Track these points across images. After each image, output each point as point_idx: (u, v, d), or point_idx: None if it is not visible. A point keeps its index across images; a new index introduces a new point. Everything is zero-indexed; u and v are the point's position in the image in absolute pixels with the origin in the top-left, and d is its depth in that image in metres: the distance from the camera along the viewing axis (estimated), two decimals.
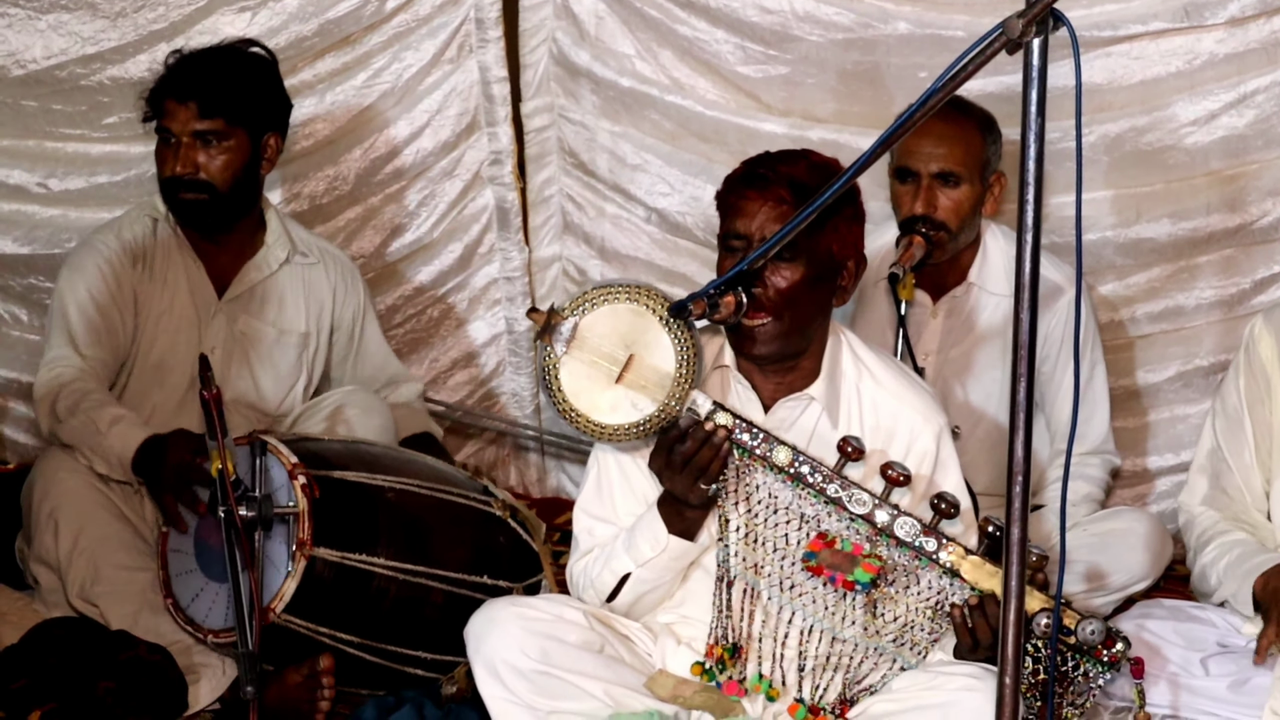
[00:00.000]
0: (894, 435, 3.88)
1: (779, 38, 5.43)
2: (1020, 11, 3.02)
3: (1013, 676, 3.03)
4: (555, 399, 3.78)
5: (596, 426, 3.78)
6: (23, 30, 5.76)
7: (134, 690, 4.36)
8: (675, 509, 3.86)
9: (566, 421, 3.88)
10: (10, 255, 5.95)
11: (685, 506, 3.84)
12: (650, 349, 3.73)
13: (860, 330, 4.26)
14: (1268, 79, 5.24)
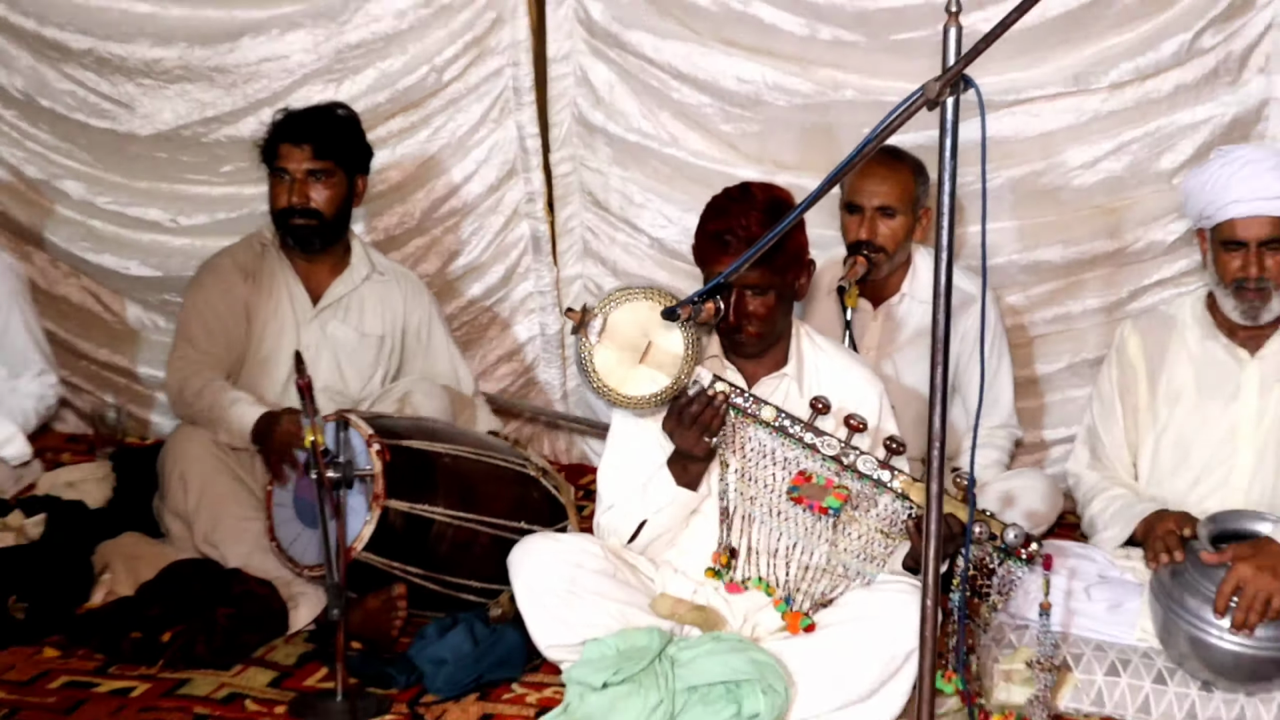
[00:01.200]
0: (846, 397, 3.99)
1: (752, 102, 5.49)
2: (937, 77, 3.18)
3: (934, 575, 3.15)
4: (591, 379, 3.91)
5: (624, 398, 3.90)
6: (155, 97, 5.85)
7: (247, 615, 4.47)
8: (682, 465, 3.97)
9: (599, 396, 4.01)
10: (149, 277, 6.04)
11: (690, 460, 3.96)
12: (663, 336, 3.87)
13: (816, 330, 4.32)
14: (1140, 130, 5.30)
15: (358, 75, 5.69)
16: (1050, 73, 5.28)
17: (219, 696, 4.20)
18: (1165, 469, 4.43)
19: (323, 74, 5.67)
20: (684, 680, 3.91)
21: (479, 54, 5.66)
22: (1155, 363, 4.46)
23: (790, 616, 4.00)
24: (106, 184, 5.99)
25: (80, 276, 6.08)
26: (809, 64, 5.43)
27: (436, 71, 5.69)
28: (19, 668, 4.36)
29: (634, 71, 5.60)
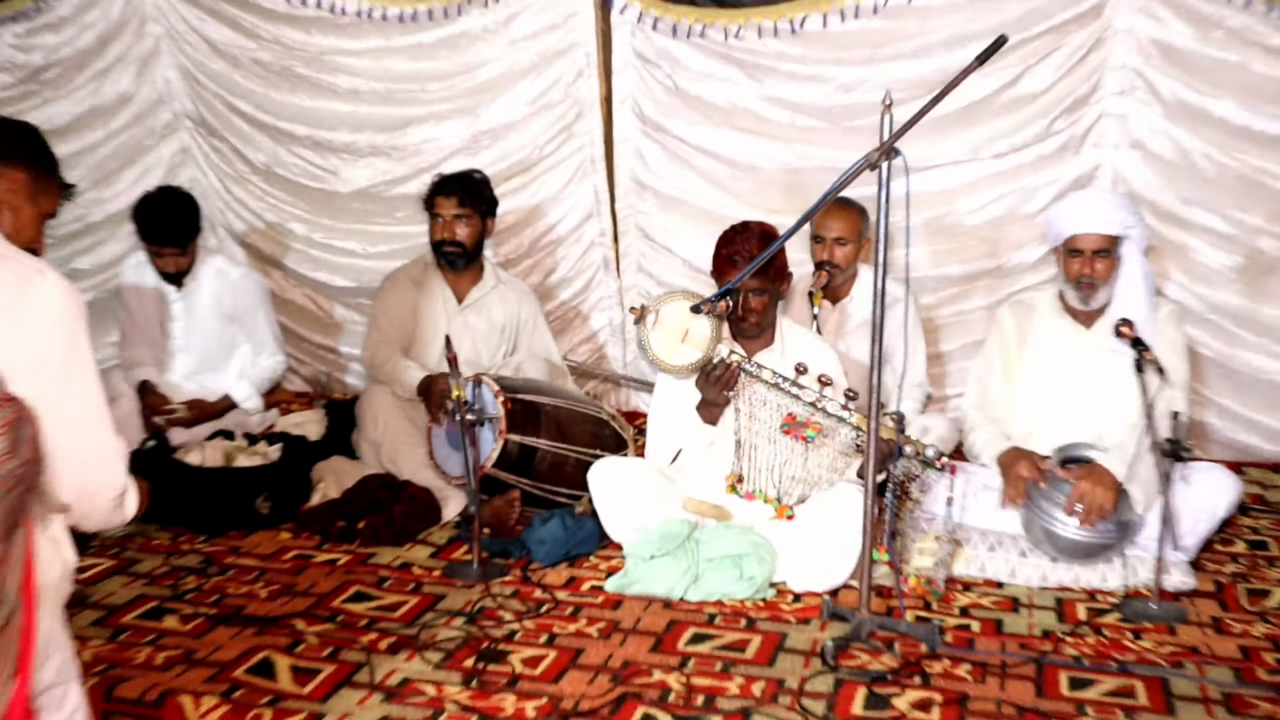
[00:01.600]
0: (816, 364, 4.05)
1: (750, 168, 5.48)
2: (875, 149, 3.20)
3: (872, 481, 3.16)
4: (646, 353, 4.04)
5: (670, 366, 3.99)
6: (351, 167, 5.94)
7: (414, 510, 4.53)
8: (707, 410, 4.06)
9: (652, 365, 4.19)
10: (348, 287, 6.11)
11: (713, 406, 4.07)
12: (695, 324, 3.99)
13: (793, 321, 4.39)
14: (1012, 186, 5.28)
15: (487, 151, 5.67)
16: (952, 147, 5.24)
17: (395, 564, 4.26)
18: (1025, 407, 4.40)
19: (463, 150, 5.66)
20: (704, 554, 4.00)
21: (567, 137, 5.64)
22: (1022, 334, 4.45)
23: (780, 511, 4.05)
24: (320, 225, 6.03)
25: (303, 287, 6.12)
26: (789, 142, 5.40)
27: (539, 148, 5.67)
28: (264, 545, 4.47)
29: (671, 148, 5.57)
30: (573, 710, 3.22)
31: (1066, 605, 3.93)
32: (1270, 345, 5.15)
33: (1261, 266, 5.11)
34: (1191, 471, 4.08)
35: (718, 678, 3.41)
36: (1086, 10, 5.03)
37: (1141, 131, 5.13)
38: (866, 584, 3.64)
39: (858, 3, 5.15)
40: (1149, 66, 5.04)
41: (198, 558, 4.31)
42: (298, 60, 5.77)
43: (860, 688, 3.36)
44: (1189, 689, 3.36)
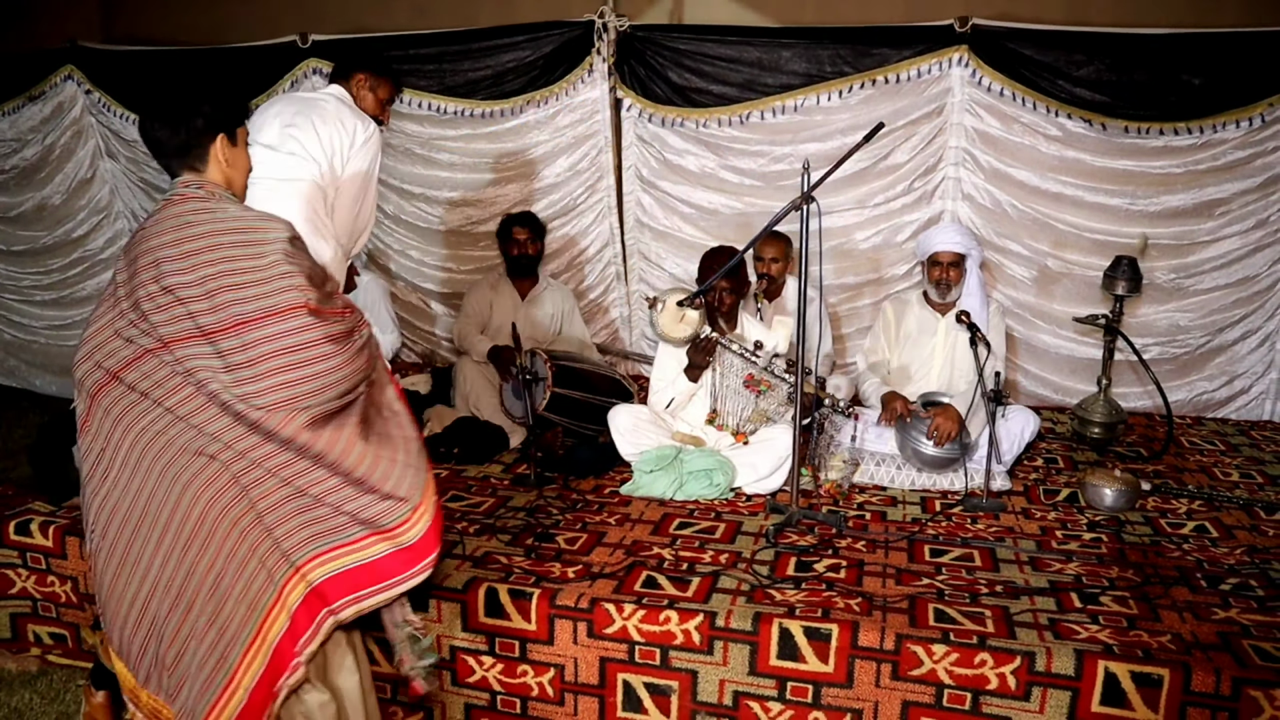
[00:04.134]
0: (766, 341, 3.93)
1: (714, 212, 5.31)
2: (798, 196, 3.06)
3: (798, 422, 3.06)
4: (656, 328, 4.08)
5: (671, 339, 4.01)
6: (449, 212, 5.77)
7: (489, 440, 4.39)
8: (693, 370, 3.95)
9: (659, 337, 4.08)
10: (446, 292, 5.88)
11: (697, 368, 3.92)
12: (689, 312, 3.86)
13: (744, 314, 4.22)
14: (887, 225, 5.12)
15: (539, 202, 5.52)
16: (848, 198, 5.10)
17: (478, 476, 4.13)
18: (899, 369, 4.32)
19: (523, 202, 5.51)
20: (686, 468, 3.93)
21: (592, 192, 5.49)
22: (899, 318, 4.36)
23: (739, 437, 3.98)
24: (426, 250, 5.86)
25: (416, 292, 5.97)
26: (740, 196, 5.25)
27: (573, 200, 5.51)
28: None
29: (661, 200, 5.42)
30: (599, 573, 3.17)
31: (928, 501, 3.87)
32: (1056, 329, 5.11)
33: (1048, 278, 5.07)
34: (1008, 411, 4.08)
35: (696, 552, 3.35)
36: (932, 110, 4.95)
37: (969, 189, 5.04)
38: (796, 488, 3.58)
39: (784, 103, 5.04)
40: (973, 147, 4.97)
41: None
42: (415, 143, 5.63)
43: (792, 558, 3.31)
44: (1007, 555, 3.34)
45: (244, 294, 2.22)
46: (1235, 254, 4.81)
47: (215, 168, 2.37)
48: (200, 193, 2.32)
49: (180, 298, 2.22)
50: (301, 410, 2.23)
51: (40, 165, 6.21)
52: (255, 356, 2.21)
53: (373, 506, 2.30)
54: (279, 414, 2.22)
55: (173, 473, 2.24)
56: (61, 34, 6.00)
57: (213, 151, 2.36)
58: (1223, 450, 4.48)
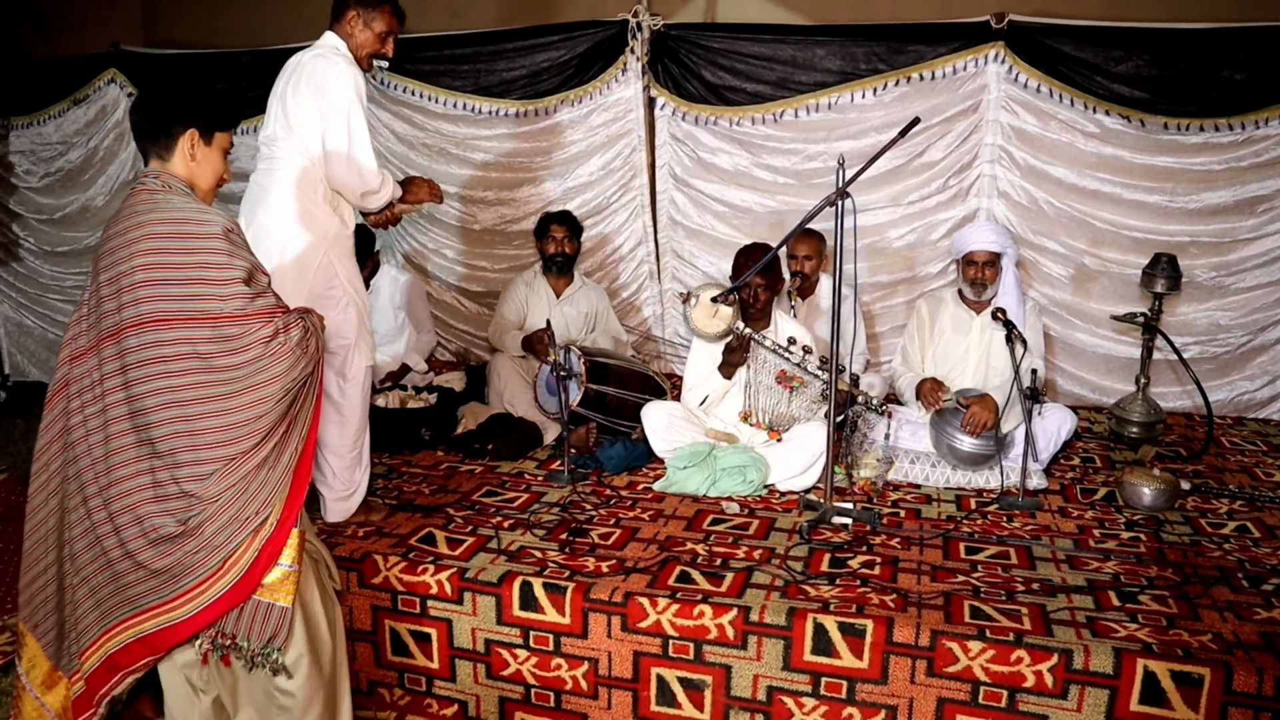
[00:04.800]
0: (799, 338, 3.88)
1: (748, 210, 5.29)
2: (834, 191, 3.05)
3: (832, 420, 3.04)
4: (690, 323, 4.02)
5: (705, 334, 3.95)
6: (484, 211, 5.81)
7: (525, 437, 4.40)
8: (728, 368, 3.92)
9: (693, 332, 4.07)
10: (481, 291, 5.89)
11: (732, 365, 3.88)
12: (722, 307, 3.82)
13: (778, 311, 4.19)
14: (922, 222, 5.09)
15: (573, 201, 5.52)
16: (883, 195, 5.08)
17: (513, 472, 4.14)
18: (935, 365, 4.28)
19: (557, 201, 5.52)
20: (720, 465, 3.91)
21: (625, 191, 5.50)
22: (933, 316, 4.32)
23: (772, 434, 3.96)
24: (460, 250, 5.89)
25: (451, 291, 6.00)
26: (773, 194, 5.25)
27: (607, 199, 5.52)
28: (426, 460, 4.34)
29: (695, 198, 5.42)
30: (632, 568, 3.17)
31: (963, 499, 3.83)
32: (1094, 328, 5.05)
33: (1085, 276, 5.01)
34: (1044, 409, 4.03)
35: (730, 547, 3.34)
36: (967, 108, 4.92)
37: (1005, 186, 5.00)
38: (830, 485, 3.55)
39: (817, 101, 5.04)
40: (1009, 144, 4.94)
41: (384, 468, 4.20)
42: (450, 143, 5.67)
43: (826, 554, 3.29)
44: (1044, 553, 3.30)
45: (167, 290, 2.28)
46: (1277, 252, 4.72)
47: (180, 161, 2.42)
48: (156, 184, 2.38)
49: (119, 287, 2.30)
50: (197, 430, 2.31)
51: (84, 168, 6.32)
52: (152, 358, 2.29)
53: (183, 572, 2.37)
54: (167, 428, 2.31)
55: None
56: (105, 38, 6.11)
57: (181, 143, 2.41)
58: (1264, 451, 4.40)
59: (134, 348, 2.29)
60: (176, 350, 2.28)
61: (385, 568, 3.19)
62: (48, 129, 6.32)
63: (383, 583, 3.17)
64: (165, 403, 2.29)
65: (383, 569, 3.18)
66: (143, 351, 2.28)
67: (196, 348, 2.29)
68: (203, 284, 2.28)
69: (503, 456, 4.27)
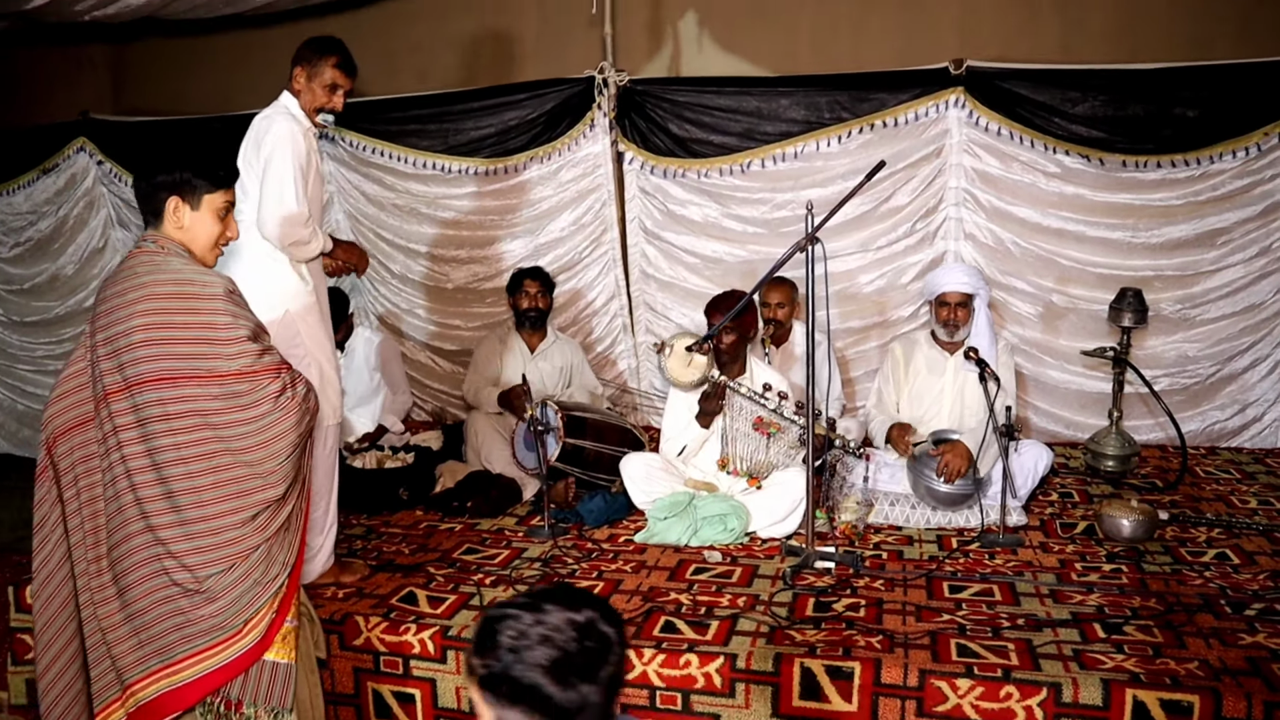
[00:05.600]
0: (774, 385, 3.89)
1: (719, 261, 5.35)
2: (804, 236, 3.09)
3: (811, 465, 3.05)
4: (665, 373, 4.05)
5: (680, 383, 3.97)
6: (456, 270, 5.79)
7: (504, 493, 4.38)
8: (704, 416, 3.91)
9: (669, 381, 4.04)
10: (455, 349, 5.90)
11: (708, 414, 3.88)
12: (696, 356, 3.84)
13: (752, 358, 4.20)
14: (890, 267, 5.16)
15: (544, 257, 5.55)
16: (851, 241, 5.15)
17: (493, 529, 4.13)
18: (910, 407, 4.30)
19: (530, 257, 5.55)
20: (700, 514, 3.90)
21: (597, 245, 5.54)
22: (907, 357, 4.34)
23: (751, 481, 3.96)
24: (434, 309, 5.91)
25: (425, 350, 6.00)
26: (745, 243, 5.31)
27: (579, 254, 5.56)
28: (405, 520, 4.32)
29: (666, 250, 5.47)
30: None
31: (944, 539, 3.85)
32: (1064, 365, 5.12)
33: (1053, 313, 5.10)
34: (1020, 446, 4.07)
35: (714, 596, 3.33)
36: (930, 152, 5.02)
37: (972, 228, 5.09)
38: (811, 530, 3.55)
39: (783, 150, 5.12)
40: (973, 187, 5.03)
41: (362, 529, 4.17)
42: (420, 203, 5.71)
43: (811, 598, 3.28)
44: (1027, 589, 3.31)
45: (169, 350, 2.31)
46: (1239, 282, 4.83)
47: (170, 226, 2.47)
48: (154, 247, 2.43)
49: (117, 348, 2.33)
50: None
51: (54, 236, 6.31)
52: (155, 415, 2.31)
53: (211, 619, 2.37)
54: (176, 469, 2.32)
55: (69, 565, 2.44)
56: (74, 107, 6.15)
57: (167, 211, 2.46)
58: (1238, 479, 4.45)
59: (138, 406, 2.31)
60: (180, 409, 2.31)
61: (367, 629, 3.14)
62: (17, 199, 6.32)
63: (364, 644, 3.13)
64: (171, 460, 2.30)
65: (364, 630, 3.14)
66: (146, 410, 2.31)
67: (202, 405, 2.31)
68: (207, 344, 2.31)
69: (482, 514, 4.24)
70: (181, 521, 2.31)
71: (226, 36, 5.95)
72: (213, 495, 2.32)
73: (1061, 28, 5.02)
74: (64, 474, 2.42)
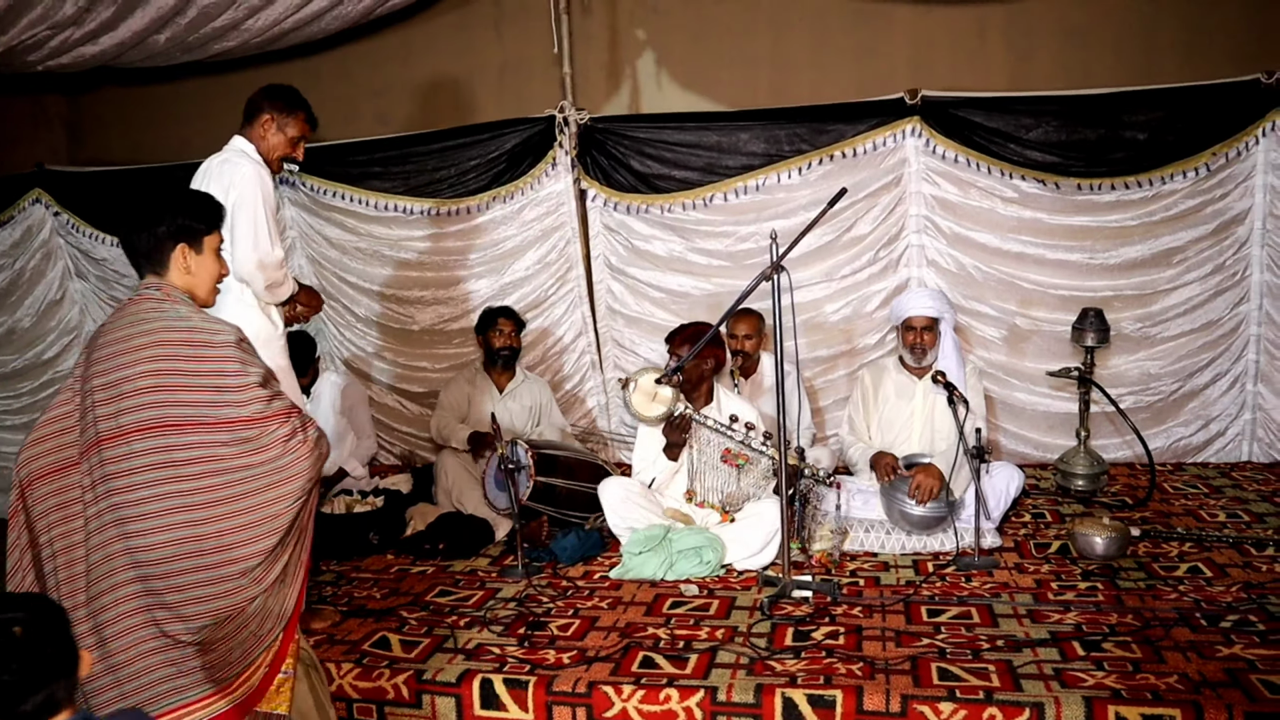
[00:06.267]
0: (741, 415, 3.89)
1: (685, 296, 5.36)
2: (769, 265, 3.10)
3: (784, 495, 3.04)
4: (630, 408, 4.00)
5: (646, 418, 3.93)
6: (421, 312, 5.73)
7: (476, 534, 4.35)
8: (671, 449, 3.88)
9: (635, 417, 4.04)
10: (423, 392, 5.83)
11: (675, 446, 3.87)
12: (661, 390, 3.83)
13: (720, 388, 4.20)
14: (856, 295, 5.18)
15: (510, 296, 5.52)
16: (816, 271, 5.17)
17: (465, 570, 4.07)
18: (881, 432, 4.31)
19: (495, 297, 5.51)
20: (676, 547, 3.87)
21: (562, 283, 5.53)
22: (876, 383, 4.36)
23: (723, 515, 3.92)
24: (400, 352, 5.86)
25: (392, 394, 5.95)
26: (710, 276, 5.32)
27: (544, 292, 5.55)
28: (376, 564, 4.25)
29: (631, 286, 5.48)
30: (594, 657, 3.10)
31: (920, 564, 3.84)
32: (1031, 386, 5.16)
33: (1018, 336, 5.13)
34: (992, 468, 4.08)
35: (692, 629, 3.30)
36: (890, 181, 5.07)
37: (934, 255, 5.13)
38: (787, 560, 3.53)
39: (745, 183, 5.15)
40: (933, 214, 5.08)
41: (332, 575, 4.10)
42: (383, 245, 5.68)
43: (789, 628, 3.26)
44: (1005, 609, 3.31)
45: (177, 396, 2.30)
46: (1197, 300, 4.90)
47: (177, 273, 2.47)
48: (158, 294, 2.42)
49: (120, 393, 2.30)
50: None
51: (10, 290, 6.21)
52: (159, 462, 2.28)
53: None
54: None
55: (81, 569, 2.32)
56: (30, 159, 6.07)
57: (174, 258, 2.45)
58: (1206, 493, 4.49)
59: (137, 452, 2.28)
60: (187, 455, 2.28)
61: (339, 675, 3.09)
62: None
63: (337, 691, 3.06)
64: (175, 507, 2.27)
65: (336, 677, 3.08)
66: (147, 457, 2.28)
67: (211, 452, 2.29)
68: (217, 391, 2.31)
69: (454, 555, 4.19)
70: (179, 571, 2.27)
71: (184, 84, 5.93)
72: (214, 544, 2.28)
73: (1011, 56, 5.12)
74: (37, 520, 2.36)
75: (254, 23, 4.77)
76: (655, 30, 5.51)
